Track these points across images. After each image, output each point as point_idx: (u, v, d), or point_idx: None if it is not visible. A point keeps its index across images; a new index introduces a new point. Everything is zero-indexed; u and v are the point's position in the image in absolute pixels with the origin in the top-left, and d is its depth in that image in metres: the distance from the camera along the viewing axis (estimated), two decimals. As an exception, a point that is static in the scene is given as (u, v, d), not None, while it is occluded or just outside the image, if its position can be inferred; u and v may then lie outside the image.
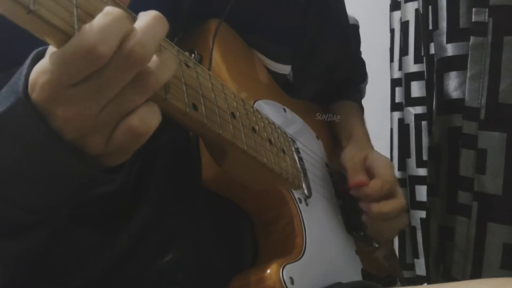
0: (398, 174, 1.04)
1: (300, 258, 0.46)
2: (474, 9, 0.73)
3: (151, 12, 0.31)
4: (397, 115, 1.05)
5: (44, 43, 0.29)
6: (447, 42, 0.79)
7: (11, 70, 0.35)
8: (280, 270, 0.43)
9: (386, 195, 0.61)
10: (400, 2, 1.01)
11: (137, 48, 0.29)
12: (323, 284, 0.48)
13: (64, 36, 0.27)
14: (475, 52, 0.73)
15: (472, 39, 0.73)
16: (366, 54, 0.85)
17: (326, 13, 0.68)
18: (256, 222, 0.51)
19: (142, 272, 0.46)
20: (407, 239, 1.01)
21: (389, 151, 1.07)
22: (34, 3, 0.25)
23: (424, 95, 0.94)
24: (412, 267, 1.01)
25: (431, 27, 0.84)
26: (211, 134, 0.39)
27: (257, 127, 0.44)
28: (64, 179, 0.33)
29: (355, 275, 0.57)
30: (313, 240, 0.49)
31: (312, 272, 0.47)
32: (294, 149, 0.54)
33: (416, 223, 0.98)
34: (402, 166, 1.02)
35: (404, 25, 1.00)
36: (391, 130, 1.07)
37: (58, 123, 0.31)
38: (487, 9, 0.72)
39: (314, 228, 0.51)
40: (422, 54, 0.93)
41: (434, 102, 0.86)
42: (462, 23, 0.77)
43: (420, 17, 0.92)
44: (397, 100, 1.05)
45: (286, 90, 0.63)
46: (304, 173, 0.54)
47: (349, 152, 0.65)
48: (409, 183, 1.00)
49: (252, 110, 0.46)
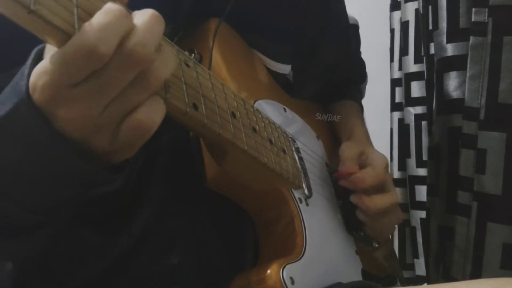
0: (398, 174, 1.04)
1: (301, 258, 0.46)
2: (474, 9, 0.73)
3: (148, 11, 0.31)
4: (397, 115, 1.05)
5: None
6: (447, 42, 0.79)
7: (13, 70, 0.35)
8: (281, 270, 0.42)
9: (378, 189, 0.60)
10: (400, 2, 1.01)
11: (137, 48, 0.29)
12: (324, 284, 0.48)
13: (65, 36, 0.27)
14: (475, 52, 0.73)
15: (471, 39, 0.73)
16: (366, 54, 0.85)
17: (326, 13, 0.68)
18: (256, 222, 0.51)
19: (142, 272, 0.46)
20: (407, 239, 1.01)
21: (389, 151, 1.07)
22: (35, 3, 0.25)
23: (424, 95, 0.94)
24: (412, 267, 1.01)
25: (431, 27, 0.84)
26: (211, 134, 0.39)
27: (257, 126, 0.44)
28: (64, 179, 0.33)
29: (355, 275, 0.57)
30: (313, 240, 0.49)
31: (313, 272, 0.47)
32: (294, 149, 0.54)
33: (416, 223, 0.98)
34: (402, 166, 1.02)
35: (404, 25, 1.00)
36: (391, 130, 1.07)
37: (61, 124, 0.31)
38: (486, 9, 0.72)
39: (314, 228, 0.51)
40: (422, 54, 0.93)
41: (434, 102, 0.86)
42: (462, 23, 0.77)
43: (420, 17, 0.92)
44: (397, 100, 1.05)
45: (286, 90, 0.63)
46: (305, 173, 0.54)
47: (346, 145, 0.65)
48: (409, 183, 1.00)
49: (252, 109, 0.46)
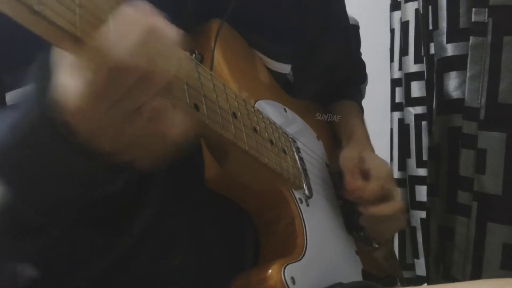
0: (398, 174, 1.04)
1: (301, 258, 0.46)
2: (474, 9, 0.73)
3: (174, 31, 0.32)
4: (397, 115, 1.05)
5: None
6: (447, 42, 0.79)
7: (19, 71, 0.35)
8: (282, 270, 0.43)
9: (383, 197, 0.61)
10: (400, 2, 1.01)
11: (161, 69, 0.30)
12: (324, 284, 0.48)
13: (68, 36, 0.27)
14: (475, 52, 0.73)
15: (471, 39, 0.73)
16: (366, 54, 0.85)
17: (326, 13, 0.68)
18: (257, 222, 0.51)
19: (142, 272, 0.46)
20: (407, 239, 1.01)
21: (389, 151, 1.07)
22: (39, 3, 0.25)
23: (424, 95, 0.94)
24: (412, 267, 1.01)
25: (431, 27, 0.84)
26: (212, 134, 0.39)
27: (258, 127, 0.44)
28: (64, 179, 0.33)
29: (356, 276, 0.57)
30: (314, 240, 0.49)
31: (313, 272, 0.47)
32: (294, 149, 0.54)
33: (416, 223, 0.98)
34: (402, 166, 1.02)
35: (404, 25, 1.00)
36: (391, 130, 1.07)
37: (71, 129, 0.31)
38: (486, 9, 0.72)
39: (315, 228, 0.51)
40: (422, 54, 0.93)
41: (434, 102, 0.86)
42: (462, 23, 0.77)
43: (420, 17, 0.92)
44: (397, 100, 1.05)
45: (286, 90, 0.63)
46: (305, 173, 0.54)
47: (346, 154, 0.65)
48: (409, 183, 1.00)
49: (253, 110, 0.46)
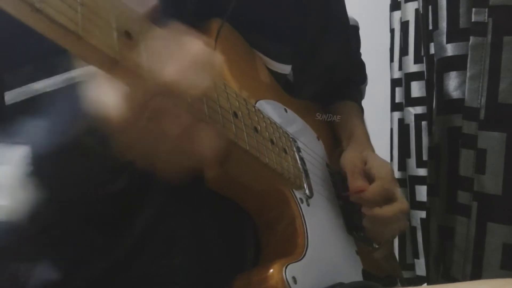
0: (398, 174, 1.04)
1: (302, 258, 0.46)
2: (473, 9, 0.73)
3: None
4: (397, 115, 1.05)
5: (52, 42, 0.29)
6: (447, 42, 0.79)
7: (18, 71, 0.35)
8: (283, 269, 0.42)
9: (386, 197, 0.61)
10: (400, 2, 1.01)
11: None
12: (325, 284, 0.48)
13: (69, 34, 0.27)
14: (475, 52, 0.73)
15: (471, 39, 0.73)
16: (366, 54, 0.85)
17: (326, 13, 0.68)
18: (257, 222, 0.51)
19: (143, 272, 0.46)
20: (407, 239, 1.01)
21: (389, 151, 1.07)
22: (40, 1, 0.25)
23: (424, 95, 0.94)
24: (412, 267, 1.01)
25: (431, 27, 0.84)
26: (213, 133, 0.39)
27: (259, 126, 0.44)
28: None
29: (356, 276, 0.57)
30: (314, 240, 0.49)
31: (314, 272, 0.47)
32: (295, 149, 0.54)
33: (416, 223, 0.98)
34: (402, 166, 1.02)
35: (404, 25, 1.00)
36: (391, 130, 1.07)
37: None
38: (486, 9, 0.72)
39: (315, 228, 0.51)
40: (422, 54, 0.93)
41: (434, 102, 0.86)
42: (462, 23, 0.77)
43: (420, 17, 0.92)
44: (397, 100, 1.06)
45: (287, 90, 0.63)
46: (306, 173, 0.54)
47: (348, 155, 0.64)
48: (409, 183, 1.00)
49: (254, 109, 0.46)
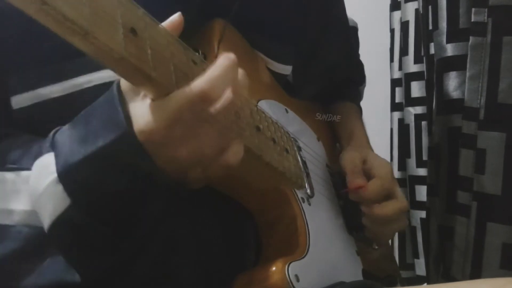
0: (398, 174, 1.04)
1: (304, 256, 0.46)
2: (473, 9, 0.73)
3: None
4: (397, 115, 1.05)
5: (58, 42, 0.29)
6: (447, 42, 0.79)
7: (26, 75, 0.35)
8: (286, 267, 0.42)
9: (386, 196, 0.61)
10: (400, 2, 1.01)
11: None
12: (326, 283, 0.48)
13: (78, 29, 0.27)
14: (475, 52, 0.73)
15: (471, 39, 0.73)
16: (366, 54, 0.85)
17: (327, 12, 0.68)
18: (259, 221, 0.51)
19: (143, 272, 0.45)
20: (407, 239, 1.01)
21: (389, 151, 1.07)
22: None
23: (424, 95, 0.94)
24: (412, 267, 1.01)
25: (431, 27, 0.84)
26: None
27: (261, 126, 0.44)
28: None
29: (356, 275, 0.57)
30: (316, 239, 0.49)
31: (316, 271, 0.47)
32: (296, 148, 0.54)
33: (416, 223, 0.98)
34: (402, 166, 1.02)
35: (404, 25, 1.00)
36: (391, 130, 1.07)
37: (160, 162, 0.35)
38: (486, 9, 0.72)
39: (317, 228, 0.51)
40: (422, 54, 0.93)
41: (434, 102, 0.86)
42: (462, 23, 0.77)
43: (420, 17, 0.93)
44: (397, 100, 1.06)
45: (287, 91, 0.63)
46: (307, 172, 0.54)
47: (348, 154, 0.65)
48: (409, 183, 1.00)
49: (256, 109, 0.46)
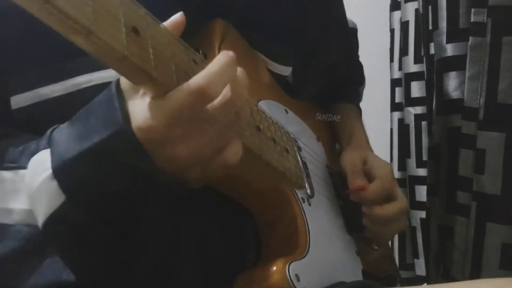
0: (398, 174, 1.04)
1: (305, 256, 0.46)
2: (472, 9, 0.73)
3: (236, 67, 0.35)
4: (397, 115, 1.05)
5: (58, 41, 0.29)
6: (447, 42, 0.79)
7: (26, 75, 0.35)
8: (286, 267, 0.42)
9: (387, 197, 0.61)
10: (400, 2, 1.01)
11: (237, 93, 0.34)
12: (326, 283, 0.48)
13: (81, 28, 0.27)
14: (474, 53, 0.73)
15: (471, 40, 0.73)
16: (366, 54, 0.85)
17: (327, 12, 0.68)
18: (259, 221, 0.51)
19: (143, 272, 0.46)
20: (407, 239, 1.01)
21: (389, 151, 1.07)
22: None
23: (424, 95, 0.94)
24: (412, 267, 1.01)
25: (431, 27, 0.84)
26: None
27: (261, 126, 0.44)
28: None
29: (356, 275, 0.57)
30: (316, 239, 0.49)
31: (316, 271, 0.47)
32: (296, 148, 0.54)
33: (416, 223, 0.98)
34: (402, 166, 1.02)
35: (404, 25, 1.00)
36: (391, 130, 1.07)
37: (160, 161, 0.34)
38: (486, 9, 0.72)
39: (317, 228, 0.51)
40: (422, 54, 0.93)
41: (434, 102, 0.86)
42: (462, 23, 0.77)
43: (420, 17, 0.93)
44: (397, 100, 1.05)
45: (287, 92, 0.63)
46: (307, 173, 0.54)
47: (348, 155, 0.65)
48: (409, 183, 1.00)
49: (256, 109, 0.46)
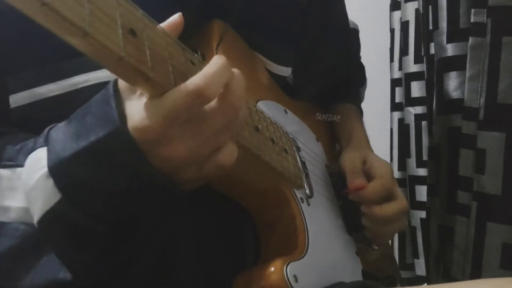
0: (398, 174, 1.04)
1: (303, 256, 0.46)
2: (472, 9, 0.73)
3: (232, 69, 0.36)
4: (397, 115, 1.05)
5: (55, 42, 0.29)
6: (447, 42, 0.79)
7: (24, 74, 0.35)
8: (284, 267, 0.42)
9: (386, 197, 0.61)
10: (400, 2, 1.01)
11: (236, 94, 0.34)
12: (325, 283, 0.48)
13: (77, 30, 0.27)
14: (474, 53, 0.73)
15: (471, 40, 0.73)
16: (366, 54, 0.85)
17: (327, 13, 0.68)
18: (258, 221, 0.51)
19: (143, 272, 0.46)
20: (407, 239, 1.01)
21: (389, 151, 1.07)
22: None
23: (424, 95, 0.94)
24: (412, 267, 1.01)
25: (431, 27, 0.84)
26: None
27: (260, 126, 0.44)
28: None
29: (356, 276, 0.57)
30: (315, 239, 0.49)
31: (315, 271, 0.47)
32: (295, 148, 0.54)
33: (416, 223, 0.98)
34: (402, 166, 1.02)
35: (404, 25, 1.00)
36: (391, 130, 1.07)
37: (155, 161, 0.34)
38: (485, 9, 0.72)
39: (316, 228, 0.51)
40: (422, 54, 0.93)
41: (434, 102, 0.86)
42: (462, 23, 0.77)
43: (420, 17, 0.93)
44: (397, 100, 1.05)
45: (286, 92, 0.63)
46: (306, 173, 0.54)
47: (348, 155, 0.65)
48: (409, 183, 1.00)
49: (255, 109, 0.46)
